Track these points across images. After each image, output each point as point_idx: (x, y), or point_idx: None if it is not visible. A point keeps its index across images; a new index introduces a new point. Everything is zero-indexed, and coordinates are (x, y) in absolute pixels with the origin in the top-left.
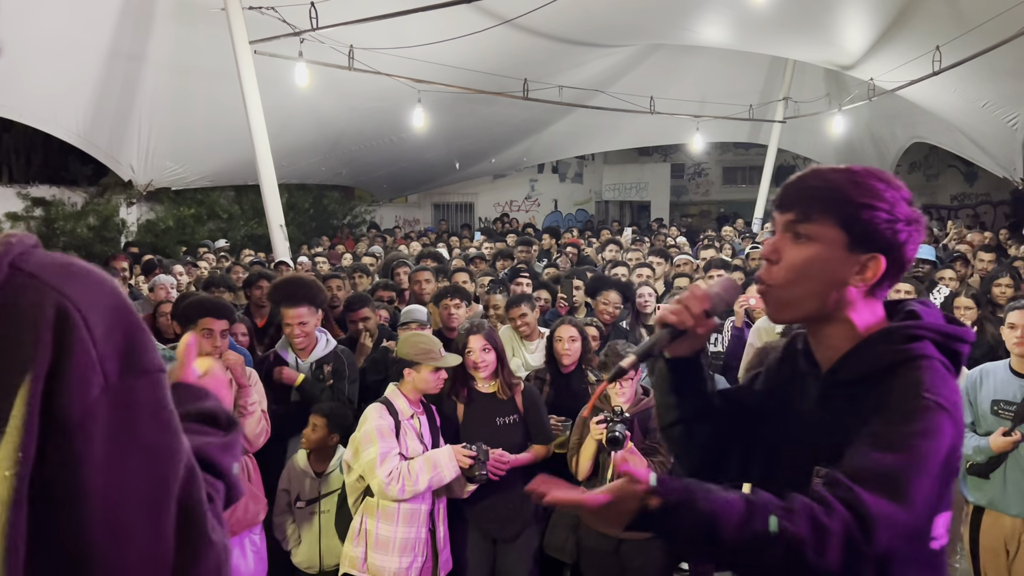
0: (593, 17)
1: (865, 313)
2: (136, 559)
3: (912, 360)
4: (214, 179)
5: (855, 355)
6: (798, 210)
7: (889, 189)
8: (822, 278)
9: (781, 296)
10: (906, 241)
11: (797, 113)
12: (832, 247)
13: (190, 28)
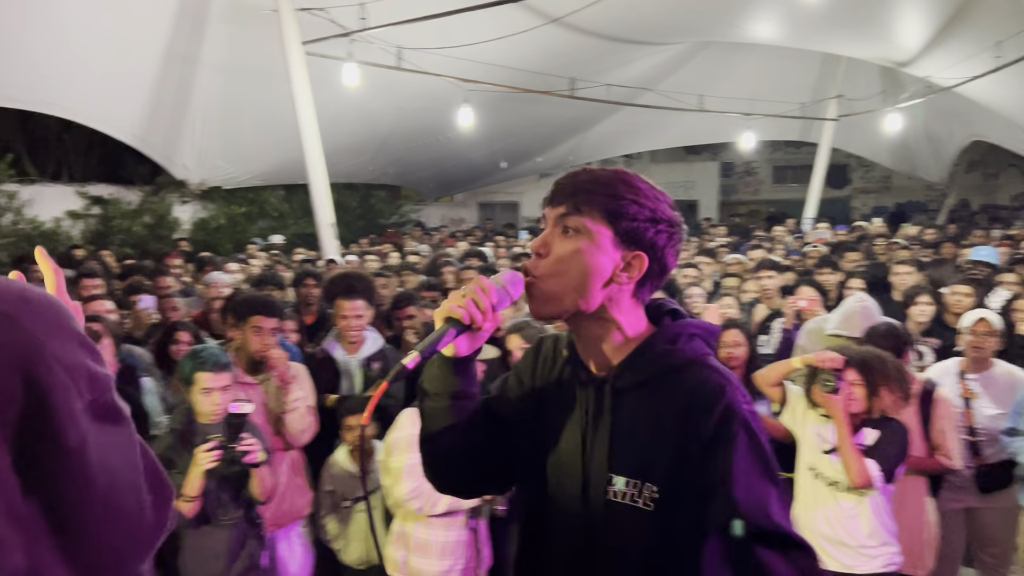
0: (641, 15)
1: (631, 315)
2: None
3: (696, 360)
4: (264, 178)
5: (638, 358)
6: (568, 204)
7: (653, 191)
8: (588, 272)
9: (545, 289)
10: (667, 244)
11: (850, 111)
12: (599, 241)
13: (242, 30)
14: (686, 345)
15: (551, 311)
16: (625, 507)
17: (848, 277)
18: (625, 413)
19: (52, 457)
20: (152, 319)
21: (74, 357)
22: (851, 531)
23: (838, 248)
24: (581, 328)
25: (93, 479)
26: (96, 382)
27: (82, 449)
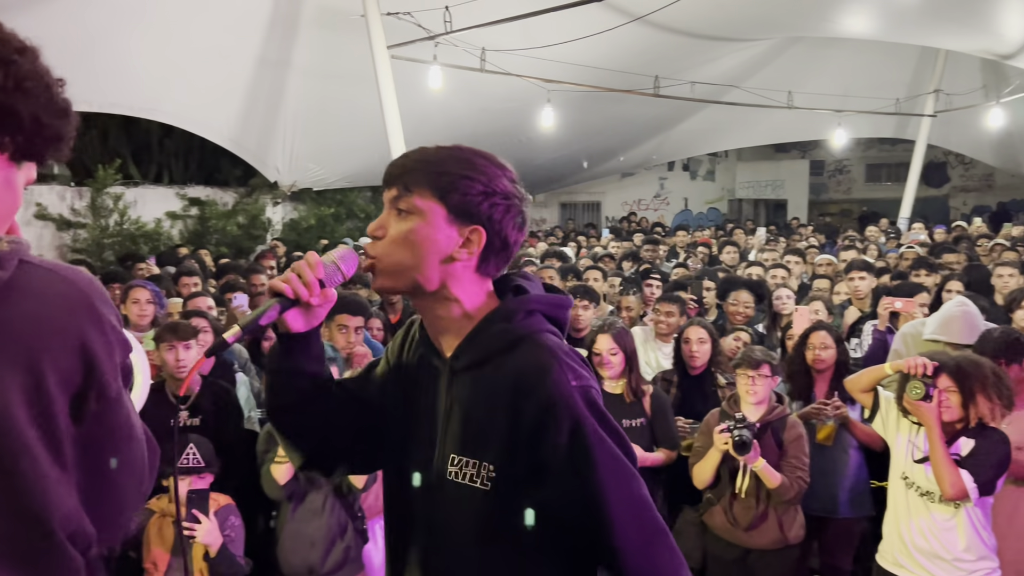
0: (727, 11)
1: (474, 291)
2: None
3: (528, 336)
4: (352, 180)
5: (475, 337)
6: (399, 185)
7: (490, 165)
8: (424, 249)
9: (383, 268)
10: (504, 216)
11: (949, 106)
12: (432, 219)
13: (331, 35)
14: (522, 321)
15: (390, 287)
16: (464, 487)
17: (946, 279)
18: (465, 393)
19: (99, 404)
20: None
21: (115, 322)
22: (946, 544)
23: (936, 249)
24: (425, 307)
25: (122, 427)
26: (125, 346)
27: (119, 400)
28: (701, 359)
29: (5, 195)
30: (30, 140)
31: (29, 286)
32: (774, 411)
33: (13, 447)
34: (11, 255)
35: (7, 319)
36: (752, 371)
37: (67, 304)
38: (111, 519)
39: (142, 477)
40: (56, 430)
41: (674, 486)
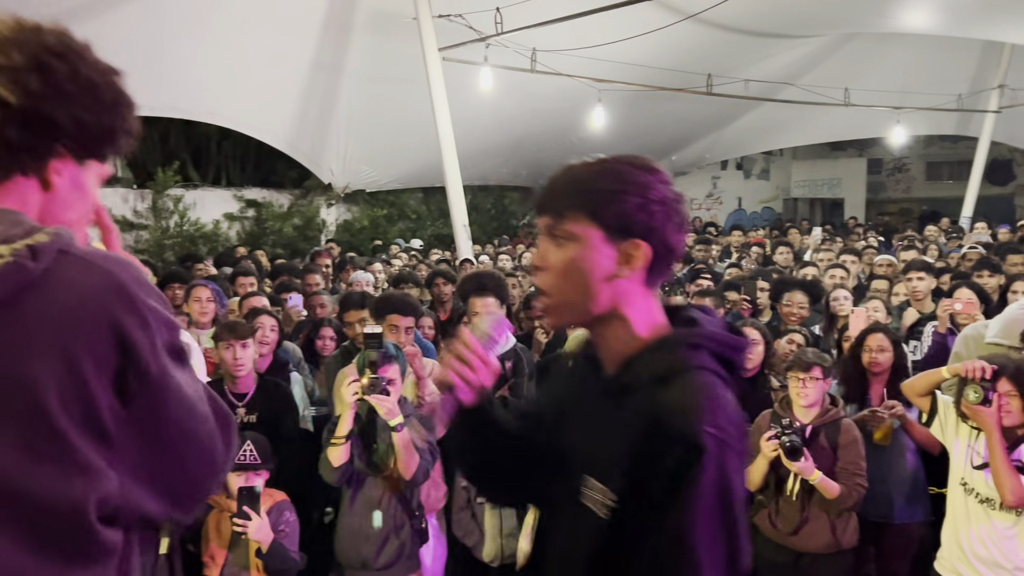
0: (780, 8)
1: (641, 308)
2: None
3: (685, 371)
4: (404, 181)
5: (633, 363)
6: (551, 213)
7: (642, 173)
8: (588, 276)
9: (553, 302)
10: (664, 222)
11: (1014, 102)
12: (590, 242)
13: (383, 38)
14: (681, 354)
15: (566, 320)
16: (589, 512)
17: (1012, 280)
18: (610, 416)
19: (141, 384)
20: (300, 316)
21: (154, 304)
22: (1007, 553)
23: (1000, 249)
24: (595, 329)
25: (171, 404)
26: (171, 326)
27: (163, 379)
28: (754, 361)
29: (74, 195)
30: (79, 141)
31: (63, 276)
32: (827, 414)
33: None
34: (49, 246)
35: (40, 309)
36: (803, 373)
37: (98, 289)
38: (180, 493)
39: (209, 450)
40: (96, 414)
41: None
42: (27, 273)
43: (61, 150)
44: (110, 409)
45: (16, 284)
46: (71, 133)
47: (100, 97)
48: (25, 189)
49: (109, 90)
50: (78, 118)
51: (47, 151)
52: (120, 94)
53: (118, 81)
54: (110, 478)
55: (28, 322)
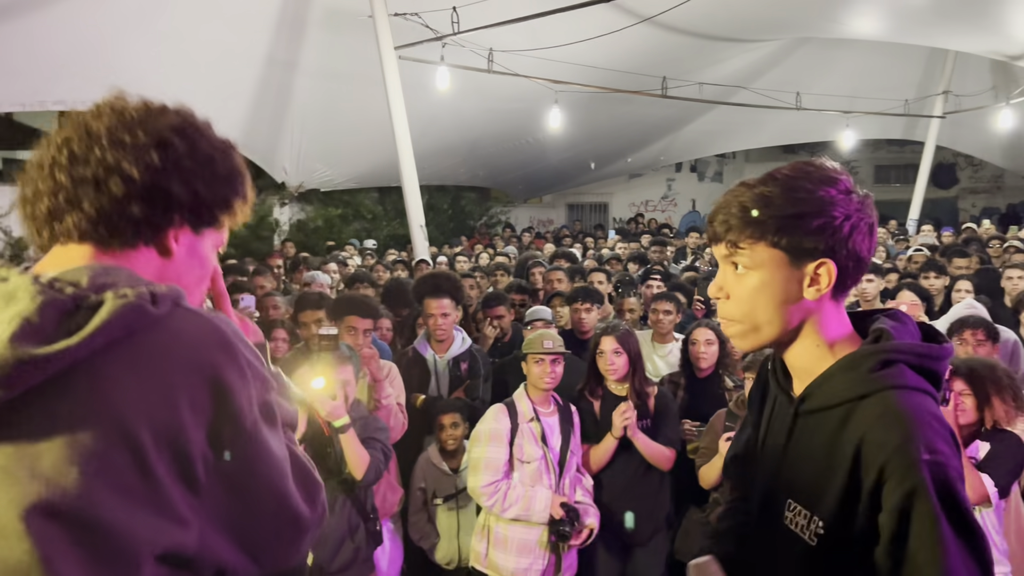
0: (734, 12)
1: (831, 323)
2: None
3: (884, 391)
4: (360, 181)
5: (823, 383)
6: (727, 242)
7: (819, 187)
8: (774, 301)
9: (741, 329)
10: (850, 235)
11: (958, 107)
12: (773, 269)
13: (339, 36)
14: (877, 372)
15: (755, 345)
16: (794, 536)
17: (956, 281)
18: (806, 438)
19: (234, 436)
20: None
21: (254, 361)
22: None
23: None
24: (783, 348)
25: (260, 460)
26: (266, 384)
27: (255, 434)
28: (708, 361)
29: (191, 262)
30: (196, 212)
31: (174, 324)
32: None
33: (136, 470)
34: (167, 296)
35: (150, 352)
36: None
37: (204, 340)
38: (261, 550)
39: (293, 510)
40: (189, 460)
41: (680, 486)
42: (146, 315)
43: (179, 220)
44: (203, 458)
45: (134, 324)
46: (188, 205)
47: (216, 171)
48: (145, 257)
49: (224, 164)
50: (195, 191)
51: (166, 221)
52: (234, 166)
53: (233, 155)
54: (190, 527)
55: (137, 362)
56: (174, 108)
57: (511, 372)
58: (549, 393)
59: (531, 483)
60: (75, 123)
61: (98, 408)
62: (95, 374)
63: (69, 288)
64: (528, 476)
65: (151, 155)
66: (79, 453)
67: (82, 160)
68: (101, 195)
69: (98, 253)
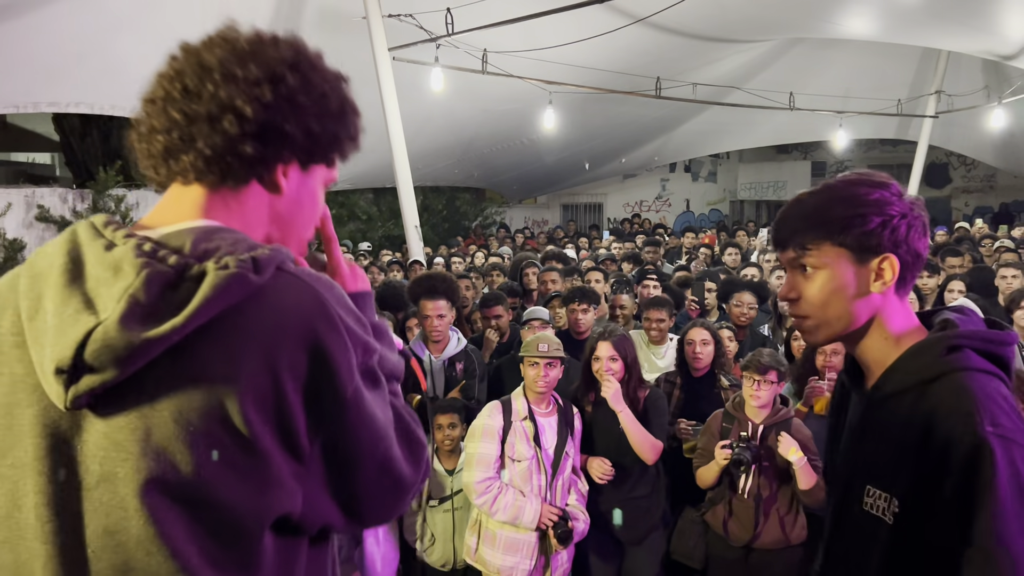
0: (728, 13)
1: (896, 317)
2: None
3: (952, 373)
4: (354, 182)
5: (895, 370)
6: (793, 246)
7: (874, 190)
8: (843, 299)
9: (812, 324)
10: (908, 233)
11: (951, 107)
12: (839, 267)
13: (332, 37)
14: (945, 357)
15: (824, 339)
16: (873, 518)
17: (949, 279)
18: (881, 424)
19: (334, 404)
20: None
21: (354, 326)
22: None
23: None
24: (853, 341)
25: (362, 426)
26: (368, 349)
27: (357, 400)
28: (704, 361)
29: (300, 199)
30: (306, 149)
31: (276, 291)
32: (778, 414)
33: (242, 443)
34: (270, 260)
35: (254, 321)
36: (759, 376)
37: (305, 308)
38: (364, 510)
39: (396, 472)
40: (293, 429)
41: (676, 486)
42: (249, 284)
43: (288, 156)
44: (306, 426)
45: (240, 294)
46: (300, 142)
47: (328, 107)
48: (257, 195)
49: (336, 99)
50: (308, 128)
51: (276, 158)
52: (346, 102)
53: (345, 89)
54: (296, 493)
55: (243, 333)
56: (286, 39)
57: (508, 372)
58: (547, 394)
59: (521, 482)
60: (188, 54)
61: (203, 383)
62: (199, 348)
63: (172, 257)
64: (518, 475)
65: (264, 90)
66: (186, 429)
67: (195, 95)
68: (215, 134)
69: (210, 194)
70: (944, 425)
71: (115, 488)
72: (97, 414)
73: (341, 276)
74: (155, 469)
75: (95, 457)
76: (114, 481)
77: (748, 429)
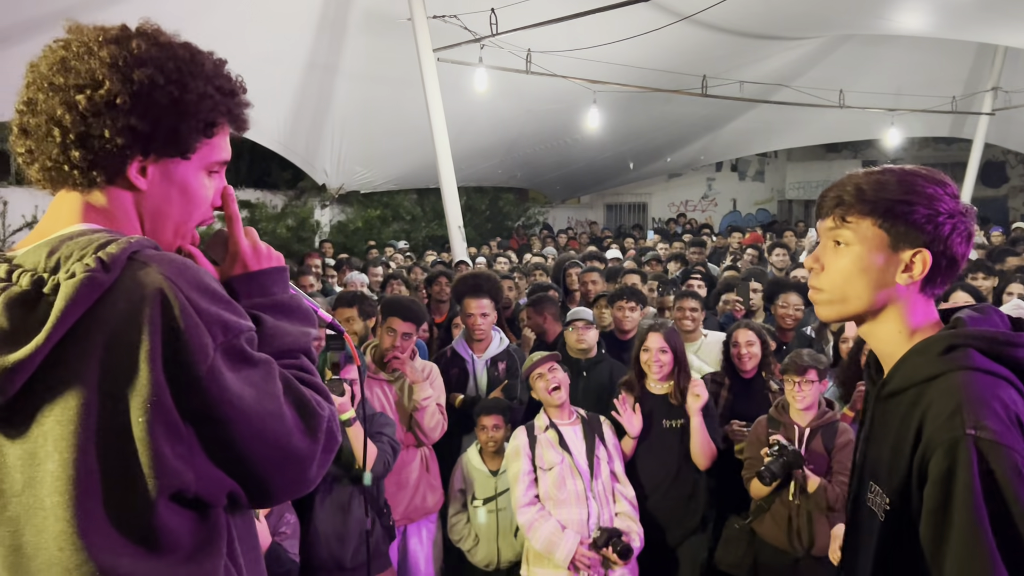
0: (777, 10)
1: (917, 312)
2: (278, 448)
3: (949, 372)
4: (399, 182)
5: (900, 366)
6: (835, 216)
7: (930, 185)
8: (867, 281)
9: (827, 298)
10: (950, 234)
11: (1008, 104)
12: (873, 248)
13: (378, 39)
14: (944, 355)
15: (835, 316)
16: (872, 513)
17: (1007, 282)
18: (883, 420)
19: (192, 383)
20: None
21: (208, 306)
22: None
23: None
24: (868, 326)
25: (225, 403)
26: (227, 327)
27: (213, 378)
28: (752, 362)
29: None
30: (147, 147)
31: (125, 283)
32: (824, 416)
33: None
34: (119, 256)
35: (106, 316)
36: (798, 376)
37: (147, 292)
38: (260, 488)
39: (283, 447)
40: (163, 408)
41: (722, 490)
42: (99, 285)
43: (135, 154)
44: (175, 404)
45: (92, 297)
46: (133, 141)
47: (156, 102)
48: (119, 196)
49: (168, 91)
50: (131, 127)
51: (117, 159)
52: (185, 92)
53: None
54: (184, 471)
55: (100, 328)
56: (117, 36)
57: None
58: (565, 404)
59: (556, 490)
60: (36, 62)
61: (76, 384)
62: (68, 353)
63: (25, 278)
64: (552, 484)
65: (80, 98)
66: (74, 430)
67: (32, 107)
68: (49, 144)
69: (82, 198)
70: (931, 425)
71: (35, 491)
72: (8, 432)
73: (243, 255)
74: (57, 470)
75: (15, 467)
76: (34, 485)
77: (794, 433)
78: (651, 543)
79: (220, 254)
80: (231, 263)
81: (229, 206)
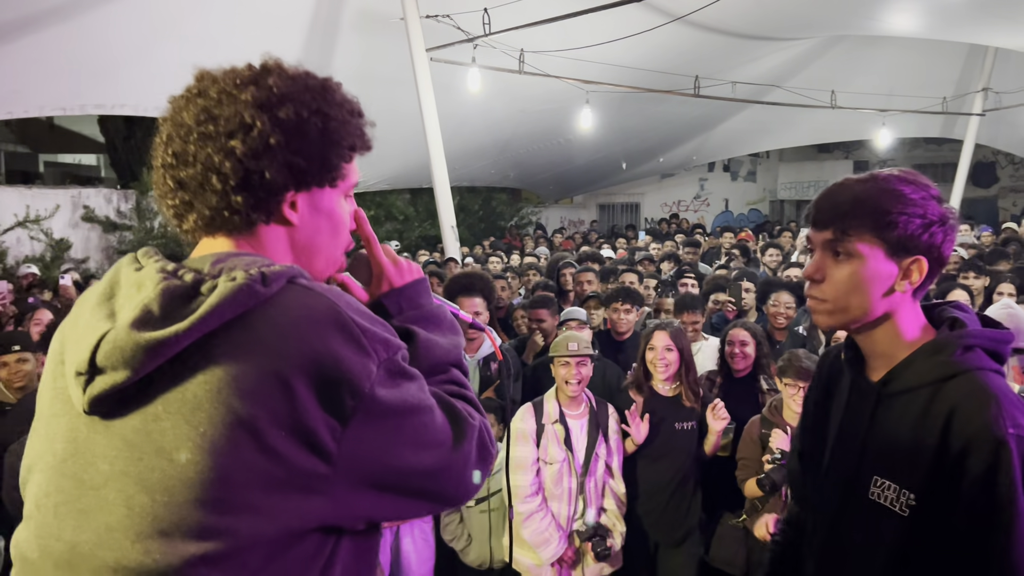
0: (769, 10)
1: (909, 316)
2: (437, 459)
3: (970, 372)
4: (392, 182)
5: (909, 365)
6: (834, 228)
7: (918, 191)
8: (868, 291)
9: (828, 307)
10: (943, 241)
11: (998, 105)
12: (873, 260)
13: (371, 38)
14: (961, 356)
15: (835, 326)
16: (883, 509)
17: (998, 282)
18: (892, 417)
19: (356, 402)
20: None
21: (368, 325)
22: None
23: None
24: (862, 334)
25: (391, 420)
26: (388, 346)
27: (376, 397)
28: (743, 363)
29: (316, 222)
30: (299, 179)
31: (285, 301)
32: None
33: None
34: (280, 275)
35: (261, 330)
36: (802, 383)
37: (312, 315)
38: (418, 500)
39: (443, 459)
40: (311, 431)
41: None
42: (257, 295)
43: (287, 189)
44: (327, 426)
45: (247, 304)
46: (289, 177)
47: (307, 135)
48: (274, 233)
49: (317, 121)
50: (289, 163)
51: (274, 197)
52: (329, 123)
53: (328, 110)
54: (319, 493)
55: (247, 342)
56: (253, 76)
57: (545, 373)
58: (579, 395)
59: (552, 484)
60: (172, 113)
61: (212, 389)
62: (209, 356)
63: (189, 275)
64: (549, 478)
65: (236, 143)
66: (197, 431)
67: (183, 159)
68: (208, 193)
69: (234, 240)
70: (965, 424)
71: (123, 486)
72: (112, 418)
73: (387, 273)
74: (167, 468)
75: (105, 457)
76: (123, 479)
77: (788, 433)
78: (654, 542)
79: (365, 276)
80: (377, 283)
81: (364, 228)
